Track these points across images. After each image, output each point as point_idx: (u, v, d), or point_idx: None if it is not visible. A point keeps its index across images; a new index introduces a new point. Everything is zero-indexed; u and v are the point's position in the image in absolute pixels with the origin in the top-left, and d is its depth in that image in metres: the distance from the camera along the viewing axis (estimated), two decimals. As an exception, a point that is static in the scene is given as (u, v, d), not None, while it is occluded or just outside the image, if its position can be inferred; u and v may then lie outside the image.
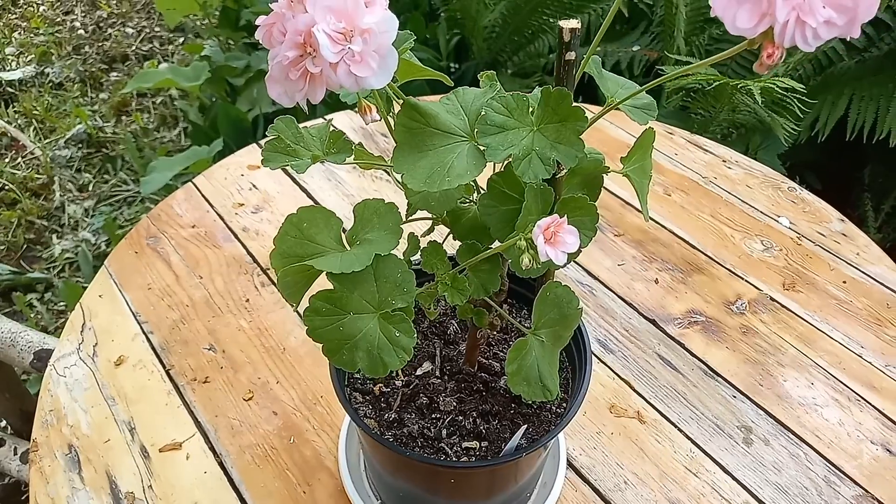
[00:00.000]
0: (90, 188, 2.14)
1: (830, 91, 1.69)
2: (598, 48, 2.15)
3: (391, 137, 0.47)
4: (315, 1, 0.37)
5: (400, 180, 0.47)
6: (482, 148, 0.45)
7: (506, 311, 0.58)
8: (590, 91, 2.05)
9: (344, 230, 0.50)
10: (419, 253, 0.54)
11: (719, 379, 0.83)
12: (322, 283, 0.48)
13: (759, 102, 1.33)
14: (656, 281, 0.95)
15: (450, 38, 2.19)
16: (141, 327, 0.87)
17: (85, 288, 1.80)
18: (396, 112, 0.47)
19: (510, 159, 0.45)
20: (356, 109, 0.50)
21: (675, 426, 0.78)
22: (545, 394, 0.51)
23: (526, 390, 0.51)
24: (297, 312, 0.89)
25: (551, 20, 2.13)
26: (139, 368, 0.82)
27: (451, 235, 0.54)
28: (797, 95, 1.36)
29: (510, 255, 0.46)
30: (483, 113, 0.45)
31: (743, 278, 0.96)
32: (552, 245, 0.40)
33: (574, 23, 0.44)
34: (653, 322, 0.89)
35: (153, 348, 0.84)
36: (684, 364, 0.84)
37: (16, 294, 1.81)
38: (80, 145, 2.28)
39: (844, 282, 0.95)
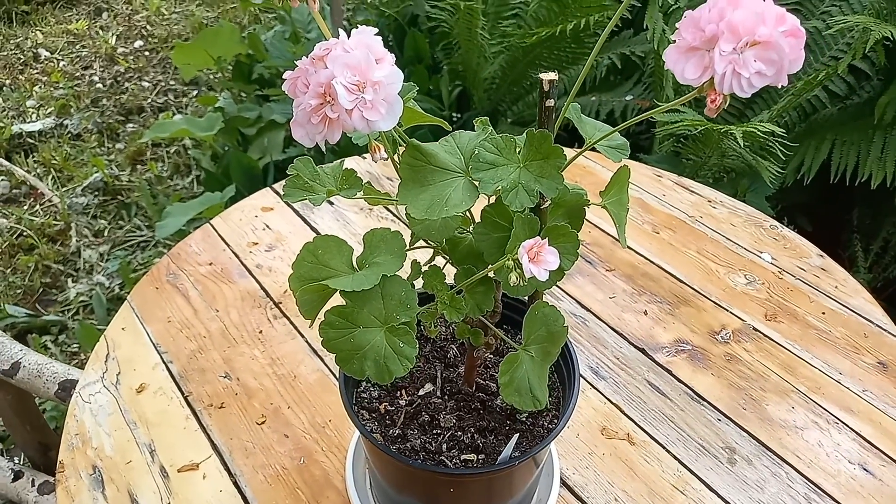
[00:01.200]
0: (105, 234, 2.22)
1: (814, 136, 1.78)
2: (594, 97, 2.25)
3: (395, 180, 0.53)
4: (334, 59, 0.44)
5: (404, 212, 0.54)
6: (475, 182, 0.52)
7: (500, 333, 0.64)
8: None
9: (354, 260, 0.56)
10: (420, 277, 0.60)
11: (705, 403, 0.88)
12: (335, 302, 0.54)
13: (743, 146, 1.41)
14: (645, 312, 1.00)
15: (452, 90, 2.30)
16: (161, 357, 0.92)
17: (100, 330, 1.87)
18: (401, 152, 0.54)
19: (500, 192, 0.52)
20: (365, 155, 0.56)
21: (663, 447, 0.82)
22: (535, 403, 0.57)
23: (517, 400, 0.56)
24: (308, 343, 0.95)
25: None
26: (159, 395, 0.87)
27: (450, 262, 0.61)
28: (779, 139, 1.44)
29: (500, 275, 0.52)
30: (476, 152, 0.52)
31: (727, 310, 1.01)
32: (535, 263, 0.47)
33: (552, 75, 0.51)
34: (642, 350, 0.95)
35: (172, 376, 0.90)
36: (672, 389, 0.89)
37: (31, 336, 1.87)
38: (97, 193, 2.37)
39: (823, 313, 1.01)
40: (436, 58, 2.46)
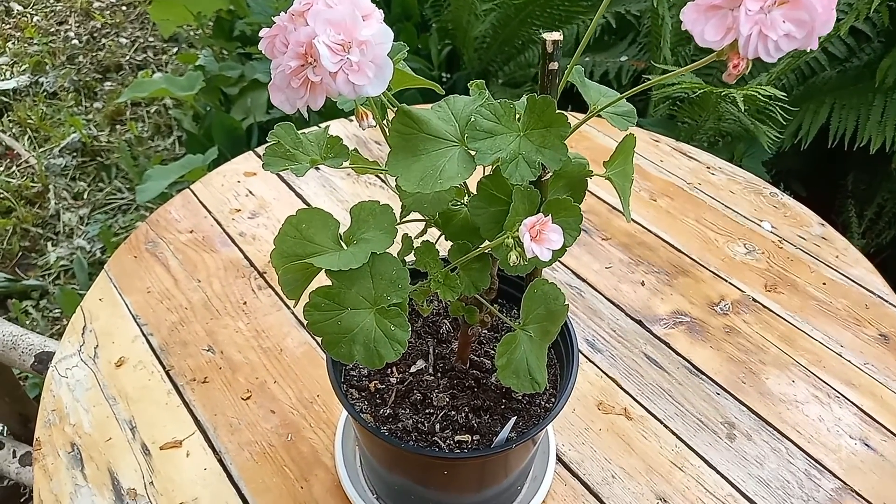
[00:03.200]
0: (85, 196, 2.16)
1: (812, 100, 1.74)
2: (587, 58, 2.19)
3: (384, 145, 0.49)
4: (316, 14, 0.40)
5: (395, 183, 0.50)
6: (472, 152, 0.48)
7: (496, 310, 0.61)
8: (580, 100, 2.09)
9: (341, 235, 0.52)
10: (413, 253, 0.56)
11: (703, 377, 0.86)
12: (321, 281, 0.50)
13: (742, 110, 1.37)
14: (643, 283, 0.98)
15: (441, 49, 2.23)
16: (141, 329, 0.89)
17: (81, 295, 1.82)
18: (391, 119, 0.50)
19: (498, 163, 0.48)
20: (351, 118, 0.52)
21: (661, 422, 0.81)
22: (534, 385, 0.54)
23: (515, 382, 0.53)
24: (294, 314, 0.91)
25: (540, 31, 2.17)
26: (139, 369, 0.84)
27: (444, 236, 0.57)
28: (779, 103, 1.40)
29: (498, 252, 0.48)
30: (473, 119, 0.48)
31: (726, 280, 0.99)
32: (538, 242, 0.43)
33: (556, 35, 0.47)
34: (639, 322, 0.92)
35: (153, 350, 0.86)
36: (670, 363, 0.87)
37: (11, 301, 1.82)
38: (75, 154, 2.30)
39: (824, 283, 0.99)
40: (424, 15, 2.38)
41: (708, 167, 1.19)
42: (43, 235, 2.05)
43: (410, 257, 0.56)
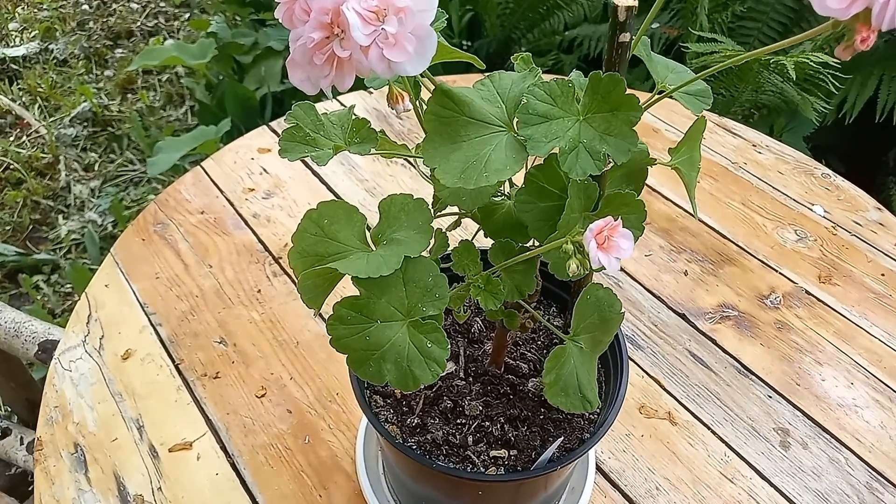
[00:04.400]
0: (96, 168, 2.11)
1: (859, 71, 1.63)
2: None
3: (407, 120, 0.42)
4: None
5: (430, 174, 0.43)
6: (523, 139, 0.41)
7: (540, 314, 0.55)
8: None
9: (368, 227, 0.46)
10: (447, 250, 0.50)
11: (753, 377, 0.79)
12: (345, 284, 0.44)
13: (793, 78, 1.27)
14: (685, 273, 0.91)
15: (462, 15, 2.13)
16: (149, 319, 0.83)
17: (92, 270, 1.77)
18: (427, 99, 0.43)
19: (555, 152, 0.41)
20: (371, 90, 0.45)
21: (709, 428, 0.74)
22: (585, 405, 0.47)
23: (564, 401, 0.47)
24: (311, 304, 0.85)
25: (566, -5, 2.06)
26: (147, 363, 0.79)
27: (483, 232, 0.50)
28: (830, 72, 1.31)
29: (552, 258, 0.42)
30: (524, 101, 0.41)
31: (776, 270, 0.91)
32: (605, 250, 0.36)
33: (630, 0, 0.39)
34: (682, 316, 0.85)
35: (161, 341, 0.81)
36: (716, 361, 0.81)
37: (22, 276, 1.78)
38: (86, 124, 2.24)
39: (883, 274, 0.91)
40: (445, -21, 2.27)
41: (754, 145, 1.11)
42: (54, 208, 2.00)
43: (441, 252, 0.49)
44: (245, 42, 2.03)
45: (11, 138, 2.20)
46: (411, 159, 1.04)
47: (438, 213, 0.49)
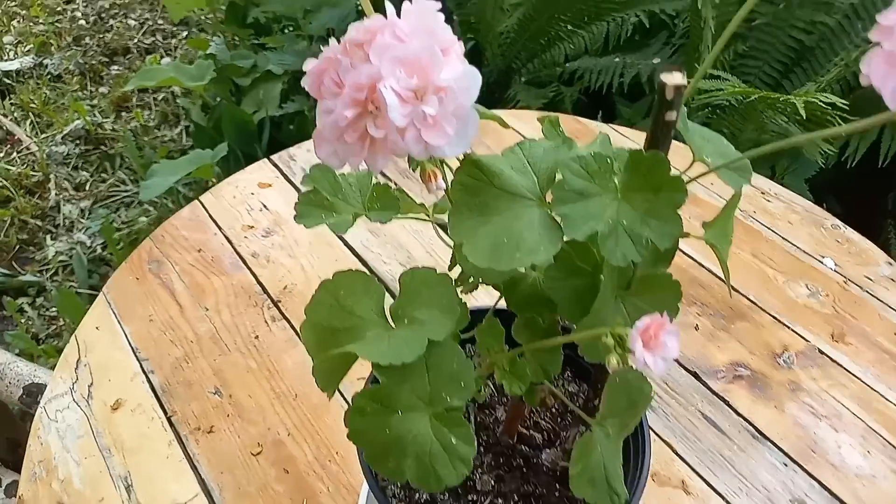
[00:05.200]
0: (87, 187, 2.07)
1: (862, 114, 1.63)
2: (617, 58, 2.08)
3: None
4: (382, 50, 0.30)
5: (459, 249, 0.40)
6: (558, 218, 0.38)
7: (563, 396, 0.52)
8: (607, 103, 1.99)
9: (387, 303, 0.43)
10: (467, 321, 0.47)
11: (768, 443, 0.77)
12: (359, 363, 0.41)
13: (803, 117, 1.26)
14: (696, 327, 0.88)
15: (462, 43, 2.12)
16: (141, 365, 0.80)
17: (79, 293, 1.73)
18: (455, 169, 0.41)
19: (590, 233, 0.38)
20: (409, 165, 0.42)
21: (724, 498, 0.71)
22: (613, 498, 0.44)
23: (591, 494, 0.44)
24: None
25: (568, 27, 2.06)
26: (138, 414, 0.75)
27: (506, 304, 0.48)
28: (838, 113, 1.30)
29: (590, 348, 0.39)
30: (560, 176, 0.39)
31: (789, 327, 0.89)
32: (651, 350, 0.34)
33: (679, 78, 0.37)
34: (694, 375, 0.83)
35: (154, 390, 0.77)
36: (730, 425, 0.78)
37: (7, 299, 1.73)
38: (78, 141, 2.20)
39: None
40: (447, 7, 2.26)
41: (762, 192, 1.09)
42: (42, 228, 1.95)
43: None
44: (244, 65, 2.01)
45: (1, 154, 2.15)
46: (415, 199, 1.01)
47: (463, 290, 0.46)
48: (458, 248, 0.39)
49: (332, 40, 0.33)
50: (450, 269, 0.46)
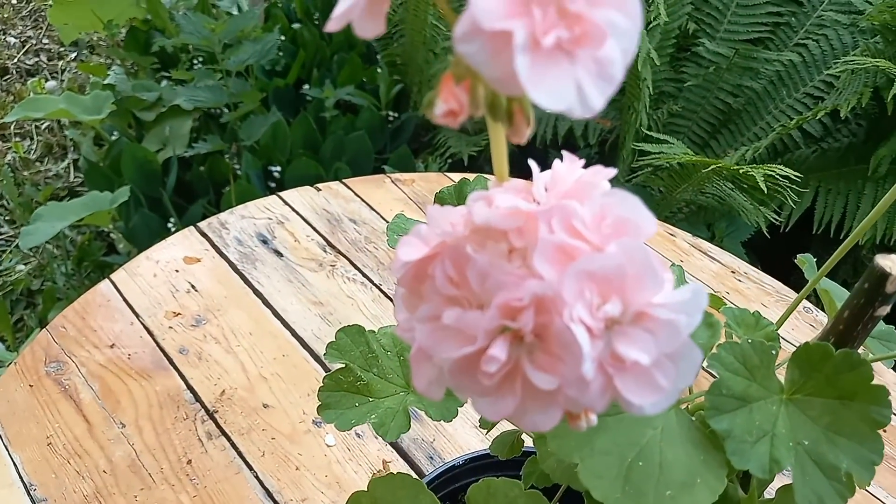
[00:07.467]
0: (-49, 230, 1.78)
1: (802, 183, 1.66)
2: (551, 113, 2.06)
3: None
4: (571, 265, 0.19)
5: (578, 472, 0.29)
6: (717, 434, 0.28)
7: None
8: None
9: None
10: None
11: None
12: None
13: (764, 191, 1.25)
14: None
15: (389, 87, 2.01)
16: (37, 511, 0.62)
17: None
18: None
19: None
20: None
21: None
22: None
23: None
24: (259, 479, 0.67)
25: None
26: (34, 584, 0.57)
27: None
28: (791, 185, 1.30)
29: None
30: (718, 377, 0.28)
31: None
32: None
33: None
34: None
35: (55, 547, 0.60)
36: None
37: None
38: (-59, 175, 1.90)
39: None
40: (371, 45, 2.15)
41: (733, 271, 1.05)
42: None
43: None
44: (147, 97, 1.80)
45: None
46: (370, 278, 0.88)
47: None
48: (580, 477, 0.27)
49: (441, 214, 0.21)
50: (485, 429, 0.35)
